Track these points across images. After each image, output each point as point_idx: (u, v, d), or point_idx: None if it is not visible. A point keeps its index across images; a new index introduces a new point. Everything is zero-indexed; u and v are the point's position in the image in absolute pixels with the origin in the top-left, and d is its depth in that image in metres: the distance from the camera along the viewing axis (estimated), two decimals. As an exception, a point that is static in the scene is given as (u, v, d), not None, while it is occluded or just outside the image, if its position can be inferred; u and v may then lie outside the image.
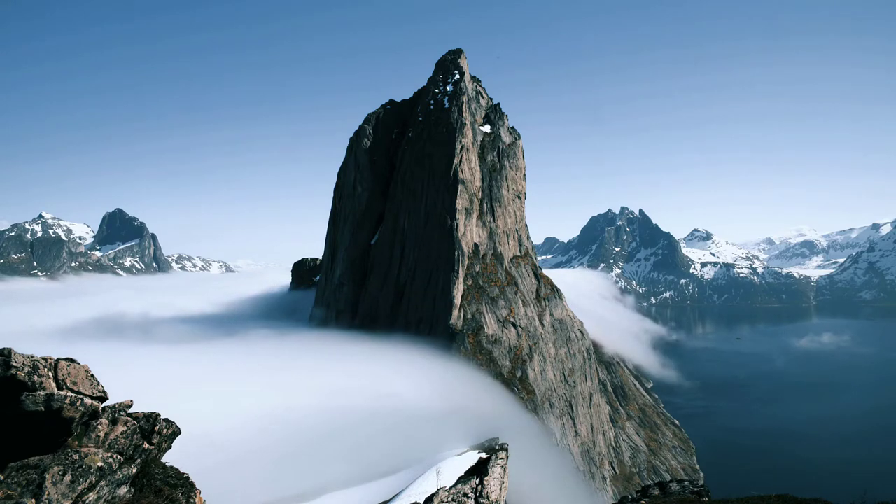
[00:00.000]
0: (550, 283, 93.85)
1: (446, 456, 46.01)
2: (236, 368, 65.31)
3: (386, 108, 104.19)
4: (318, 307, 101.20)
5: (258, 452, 41.76)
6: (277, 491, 37.98)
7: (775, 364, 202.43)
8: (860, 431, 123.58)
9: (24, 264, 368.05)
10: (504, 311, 78.82)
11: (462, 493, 15.20)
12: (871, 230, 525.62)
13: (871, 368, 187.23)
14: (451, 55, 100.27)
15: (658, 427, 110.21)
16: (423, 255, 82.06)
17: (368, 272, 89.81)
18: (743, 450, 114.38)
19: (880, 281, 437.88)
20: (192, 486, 9.27)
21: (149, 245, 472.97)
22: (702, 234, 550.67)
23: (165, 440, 9.30)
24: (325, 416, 50.00)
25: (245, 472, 38.27)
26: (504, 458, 17.91)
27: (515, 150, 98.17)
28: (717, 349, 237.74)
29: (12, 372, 7.18)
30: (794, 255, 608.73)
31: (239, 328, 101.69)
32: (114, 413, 8.32)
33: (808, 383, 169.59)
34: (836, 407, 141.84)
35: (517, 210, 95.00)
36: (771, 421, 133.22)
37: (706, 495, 19.18)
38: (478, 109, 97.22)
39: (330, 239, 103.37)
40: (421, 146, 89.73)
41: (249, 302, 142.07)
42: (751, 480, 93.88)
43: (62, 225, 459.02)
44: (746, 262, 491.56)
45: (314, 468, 41.50)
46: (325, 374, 62.26)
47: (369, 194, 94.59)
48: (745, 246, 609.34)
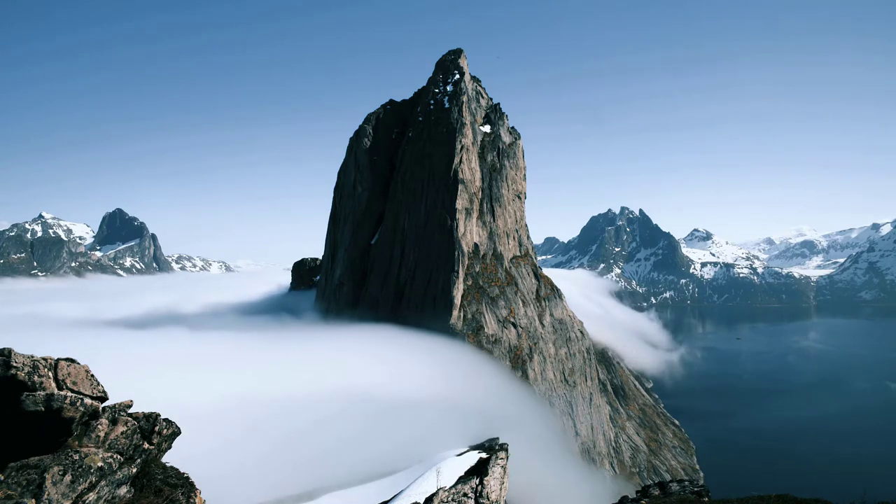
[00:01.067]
0: (550, 283, 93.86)
1: (446, 456, 45.99)
2: (236, 366, 65.22)
3: (386, 108, 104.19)
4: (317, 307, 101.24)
5: (258, 452, 41.74)
6: (277, 491, 37.97)
7: (775, 364, 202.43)
8: (860, 431, 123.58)
9: (24, 264, 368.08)
10: (504, 311, 78.83)
11: (462, 493, 15.20)
12: (871, 230, 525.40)
13: (871, 368, 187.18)
14: (451, 55, 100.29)
15: (658, 427, 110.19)
16: (423, 255, 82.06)
17: (368, 272, 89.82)
18: (743, 450, 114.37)
19: (880, 281, 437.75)
20: (192, 486, 9.27)
21: (149, 245, 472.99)
22: (702, 234, 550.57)
23: (165, 440, 9.30)
24: (326, 415, 49.98)
25: (244, 472, 38.25)
26: (504, 458, 17.91)
27: (515, 150, 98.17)
28: (717, 349, 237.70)
29: (12, 372, 7.18)
30: (794, 255, 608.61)
31: (238, 325, 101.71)
32: (114, 413, 8.32)
33: (808, 383, 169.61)
34: (837, 407, 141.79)
35: (517, 210, 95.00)
36: (771, 421, 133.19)
37: (706, 495, 19.18)
38: (478, 109, 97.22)
39: (330, 239, 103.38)
40: (421, 146, 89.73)
41: (249, 301, 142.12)
42: (751, 480, 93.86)
43: (62, 225, 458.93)
44: (746, 262, 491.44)
45: (314, 468, 41.50)
46: (324, 370, 62.20)
47: (369, 194, 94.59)
48: (745, 246, 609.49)
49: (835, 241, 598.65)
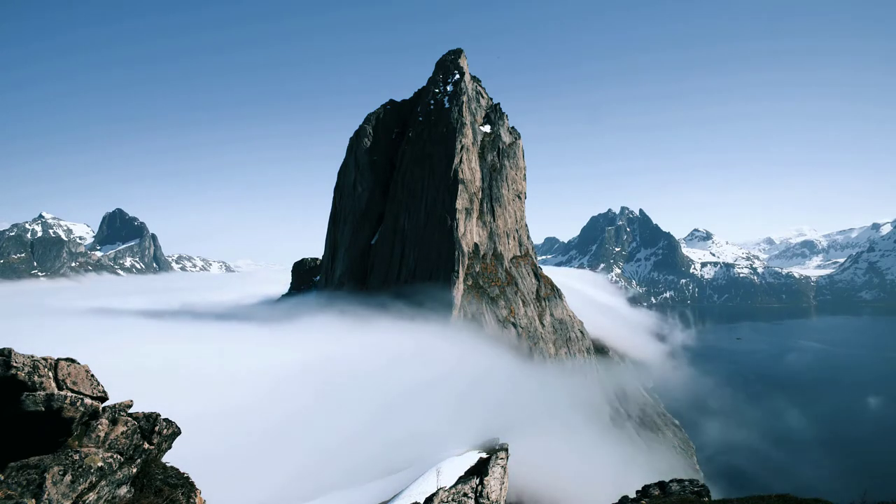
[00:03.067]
0: (550, 282, 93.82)
1: (446, 456, 45.91)
2: (236, 366, 65.19)
3: (386, 108, 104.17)
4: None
5: (258, 452, 41.73)
6: (277, 491, 37.95)
7: (775, 364, 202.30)
8: (860, 431, 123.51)
9: (24, 264, 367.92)
10: (504, 310, 78.81)
11: (462, 493, 15.19)
12: (871, 230, 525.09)
13: (871, 368, 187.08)
14: (452, 55, 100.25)
15: (658, 427, 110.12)
16: (423, 255, 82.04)
17: (368, 272, 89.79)
18: (743, 450, 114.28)
19: (880, 281, 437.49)
20: (192, 486, 9.26)
21: (149, 245, 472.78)
22: (702, 234, 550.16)
23: (165, 440, 9.30)
24: (324, 413, 49.96)
25: (245, 472, 38.25)
26: (504, 458, 17.89)
27: (515, 149, 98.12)
28: (717, 349, 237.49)
29: (12, 372, 7.17)
30: (794, 255, 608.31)
31: (238, 325, 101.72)
32: (114, 413, 8.32)
33: (809, 383, 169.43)
34: (837, 407, 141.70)
35: (517, 210, 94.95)
36: (771, 421, 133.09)
37: (706, 495, 19.15)
38: (478, 109, 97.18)
39: (330, 239, 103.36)
40: (421, 146, 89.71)
41: (248, 301, 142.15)
42: (751, 480, 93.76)
43: (62, 225, 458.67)
44: (746, 262, 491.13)
45: (314, 468, 41.48)
46: (324, 370, 62.19)
47: (369, 194, 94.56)
48: (745, 246, 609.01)
49: (835, 241, 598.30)
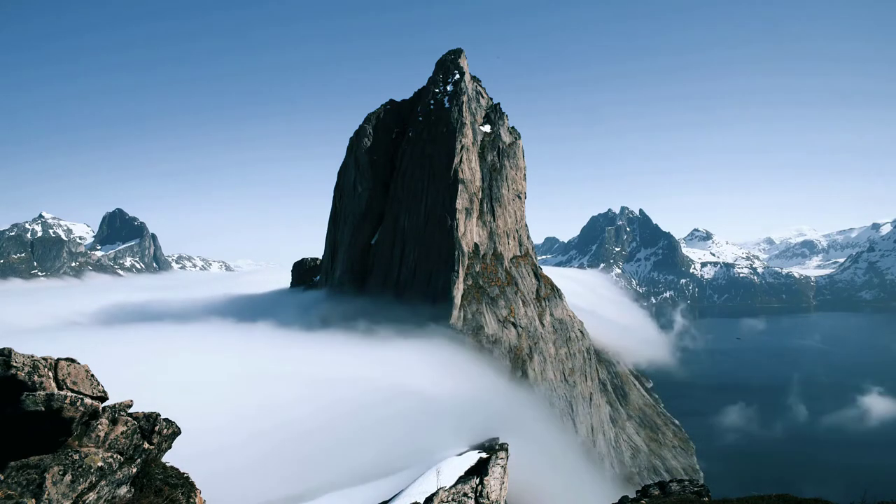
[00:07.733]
0: (550, 282, 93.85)
1: (446, 456, 45.94)
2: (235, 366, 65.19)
3: (386, 107, 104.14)
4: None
5: (259, 452, 41.73)
6: (277, 491, 37.96)
7: (775, 364, 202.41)
8: (861, 431, 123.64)
9: (24, 264, 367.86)
10: (504, 310, 78.83)
11: (462, 493, 15.19)
12: (871, 230, 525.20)
13: (871, 368, 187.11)
14: (452, 55, 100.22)
15: (658, 427, 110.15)
16: (423, 255, 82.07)
17: (368, 272, 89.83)
18: (743, 450, 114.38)
19: (880, 281, 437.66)
20: (192, 486, 9.26)
21: (149, 245, 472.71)
22: (702, 234, 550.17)
23: (165, 440, 9.30)
24: (324, 413, 49.98)
25: (245, 472, 38.25)
26: (504, 458, 17.90)
27: (515, 149, 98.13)
28: (717, 349, 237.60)
29: (12, 372, 7.17)
30: (794, 255, 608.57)
31: (238, 325, 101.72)
32: (114, 413, 8.32)
33: (808, 383, 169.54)
34: (837, 406, 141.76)
35: (517, 210, 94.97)
36: (771, 420, 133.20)
37: (706, 495, 19.17)
38: (478, 109, 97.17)
39: (330, 239, 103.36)
40: (421, 146, 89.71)
41: (249, 301, 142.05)
42: (751, 480, 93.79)
43: (62, 225, 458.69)
44: (746, 261, 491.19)
45: (314, 468, 41.49)
46: (323, 370, 62.19)
47: (369, 194, 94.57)
48: (745, 246, 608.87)
49: (835, 241, 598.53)
